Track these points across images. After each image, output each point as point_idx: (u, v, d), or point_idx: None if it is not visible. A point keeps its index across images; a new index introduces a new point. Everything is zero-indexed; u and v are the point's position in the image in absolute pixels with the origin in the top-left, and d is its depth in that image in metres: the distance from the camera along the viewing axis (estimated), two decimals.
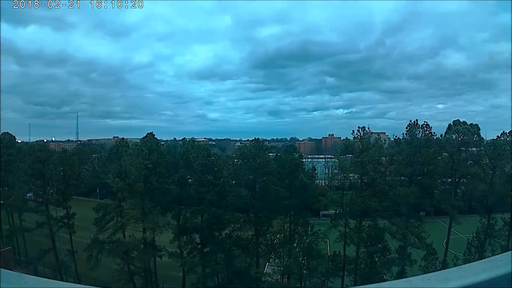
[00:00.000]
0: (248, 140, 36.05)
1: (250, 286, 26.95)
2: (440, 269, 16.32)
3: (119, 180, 27.06)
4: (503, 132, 29.07)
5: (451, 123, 29.87)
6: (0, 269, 1.46)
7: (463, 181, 30.80)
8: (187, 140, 32.37)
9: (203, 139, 62.40)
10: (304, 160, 34.28)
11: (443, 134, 29.95)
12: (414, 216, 27.46)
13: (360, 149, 27.88)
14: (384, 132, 48.58)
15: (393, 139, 33.20)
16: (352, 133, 28.37)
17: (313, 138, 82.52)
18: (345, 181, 29.00)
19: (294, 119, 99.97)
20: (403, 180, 29.56)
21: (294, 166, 28.82)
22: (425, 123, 29.77)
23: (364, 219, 27.38)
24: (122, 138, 37.40)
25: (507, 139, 28.66)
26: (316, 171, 36.12)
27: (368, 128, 28.64)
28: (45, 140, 57.02)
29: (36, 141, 49.51)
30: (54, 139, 68.42)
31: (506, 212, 27.10)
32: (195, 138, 39.90)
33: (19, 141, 45.78)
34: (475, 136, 29.30)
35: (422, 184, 28.47)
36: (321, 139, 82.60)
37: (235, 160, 33.03)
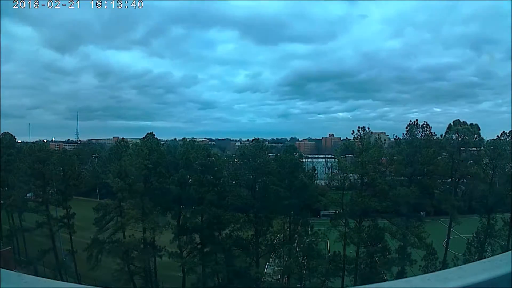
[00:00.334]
0: (248, 140, 36.11)
1: (250, 286, 26.95)
2: (440, 269, 16.34)
3: (119, 180, 27.05)
4: (503, 132, 29.12)
5: (451, 123, 29.88)
6: (0, 269, 1.46)
7: (463, 181, 30.80)
8: (187, 140, 32.36)
9: (203, 139, 62.42)
10: (304, 160, 34.27)
11: (443, 134, 29.99)
12: (414, 216, 27.46)
13: (360, 149, 27.87)
14: (384, 132, 48.58)
15: (393, 139, 33.22)
16: (352, 133, 28.42)
17: (313, 138, 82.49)
18: (345, 181, 29.00)
19: (295, 120, 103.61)
20: (403, 180, 29.55)
21: (294, 166, 28.81)
22: (425, 123, 29.82)
23: (364, 219, 27.38)
24: (122, 138, 37.39)
25: (507, 139, 28.67)
26: (316, 171, 36.12)
27: (368, 128, 28.69)
28: (45, 140, 57.06)
29: (36, 141, 49.58)
30: (54, 139, 68.48)
31: (506, 212, 27.09)
32: (195, 138, 39.95)
33: (19, 141, 45.82)
34: (475, 136, 29.31)
35: (422, 184, 28.46)
36: (321, 139, 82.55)
37: (235, 160, 33.02)
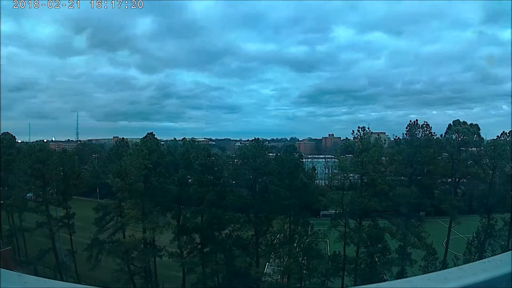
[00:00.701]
0: (248, 140, 36.13)
1: (250, 286, 26.95)
2: (440, 269, 16.31)
3: (119, 180, 27.05)
4: (503, 132, 29.12)
5: (451, 123, 29.90)
6: (0, 269, 1.46)
7: (463, 181, 30.81)
8: (187, 140, 32.39)
9: (203, 139, 62.43)
10: (304, 160, 34.32)
11: (443, 134, 30.00)
12: (414, 216, 27.45)
13: (360, 149, 27.85)
14: (384, 132, 48.70)
15: (393, 139, 33.23)
16: (352, 133, 28.40)
17: (313, 138, 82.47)
18: (345, 181, 28.95)
19: (296, 120, 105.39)
20: (403, 180, 29.55)
21: (294, 166, 28.81)
22: (425, 123, 29.81)
23: (364, 219, 27.37)
24: (122, 138, 37.42)
25: (507, 139, 28.67)
26: (316, 171, 36.11)
27: (368, 128, 28.66)
28: (45, 140, 57.09)
29: (36, 141, 49.62)
30: (54, 139, 68.50)
31: (506, 212, 27.09)
32: (195, 138, 39.98)
33: (19, 141, 45.87)
34: (475, 136, 29.32)
35: (422, 184, 28.47)
36: (321, 139, 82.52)
37: (235, 160, 33.02)
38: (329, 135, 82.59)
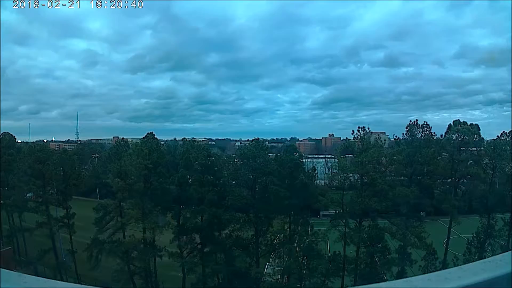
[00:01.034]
0: (248, 140, 36.11)
1: (250, 286, 26.93)
2: (440, 269, 16.30)
3: (119, 180, 27.07)
4: (503, 132, 29.13)
5: (451, 123, 29.91)
6: (0, 269, 1.46)
7: (463, 181, 30.84)
8: (187, 140, 32.40)
9: (203, 139, 62.45)
10: (304, 160, 34.24)
11: (443, 134, 30.00)
12: (414, 216, 27.46)
13: (360, 149, 27.84)
14: (384, 132, 48.63)
15: (393, 139, 33.23)
16: (352, 133, 28.37)
17: (313, 138, 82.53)
18: (345, 181, 28.92)
19: (296, 119, 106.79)
20: (403, 180, 29.56)
21: (294, 166, 28.80)
22: (425, 123, 29.86)
23: (364, 219, 27.33)
24: (122, 138, 37.48)
25: (507, 139, 28.67)
26: (316, 171, 36.05)
27: (368, 128, 28.60)
28: (45, 140, 57.16)
29: (36, 141, 49.67)
30: (54, 139, 68.56)
31: (506, 212, 27.09)
32: (195, 138, 39.96)
33: (19, 141, 45.87)
34: (475, 136, 29.32)
35: (422, 184, 28.48)
36: (321, 139, 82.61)
37: (235, 160, 33.00)
38: (329, 135, 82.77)
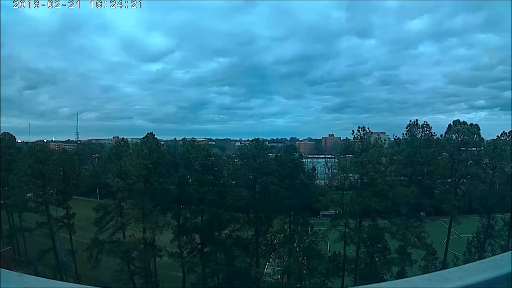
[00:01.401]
0: (248, 140, 36.09)
1: (250, 286, 26.93)
2: (440, 269, 16.33)
3: (119, 180, 27.07)
4: (503, 132, 29.14)
5: (451, 123, 29.92)
6: (0, 269, 1.46)
7: (463, 181, 30.85)
8: (187, 140, 32.39)
9: (203, 139, 62.43)
10: (304, 160, 34.24)
11: (443, 134, 30.01)
12: (414, 216, 27.46)
13: (360, 149, 27.84)
14: (384, 132, 48.53)
15: (393, 139, 33.22)
16: (352, 133, 28.36)
17: (313, 138, 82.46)
18: (345, 181, 28.93)
19: (296, 119, 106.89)
20: (403, 180, 29.56)
21: (294, 166, 28.80)
22: (425, 123, 29.86)
23: (364, 219, 27.34)
24: (122, 138, 37.48)
25: (507, 139, 28.68)
26: (316, 171, 36.05)
27: (368, 128, 28.60)
28: (45, 140, 57.17)
29: (36, 141, 49.68)
30: (54, 139, 68.54)
31: (506, 212, 27.09)
32: (195, 138, 39.97)
33: (19, 141, 45.87)
34: (475, 136, 29.32)
35: (422, 184, 28.47)
36: (321, 139, 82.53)
37: (235, 160, 33.00)
38: (329, 135, 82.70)
